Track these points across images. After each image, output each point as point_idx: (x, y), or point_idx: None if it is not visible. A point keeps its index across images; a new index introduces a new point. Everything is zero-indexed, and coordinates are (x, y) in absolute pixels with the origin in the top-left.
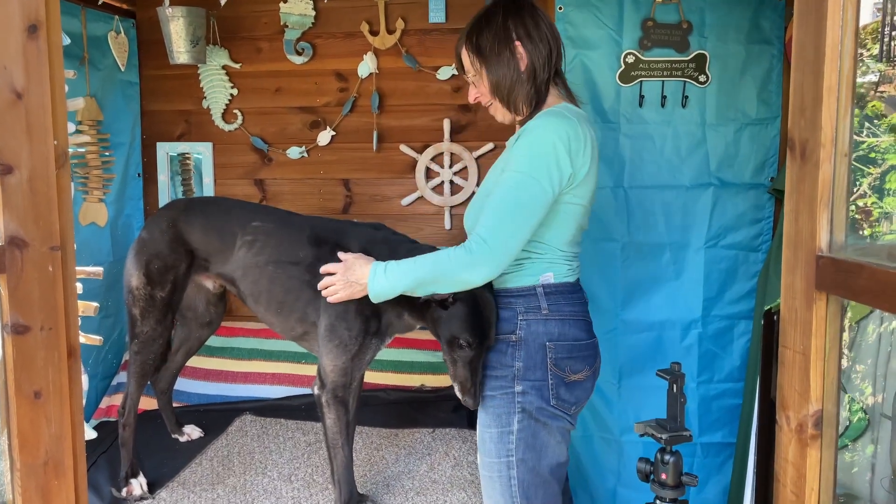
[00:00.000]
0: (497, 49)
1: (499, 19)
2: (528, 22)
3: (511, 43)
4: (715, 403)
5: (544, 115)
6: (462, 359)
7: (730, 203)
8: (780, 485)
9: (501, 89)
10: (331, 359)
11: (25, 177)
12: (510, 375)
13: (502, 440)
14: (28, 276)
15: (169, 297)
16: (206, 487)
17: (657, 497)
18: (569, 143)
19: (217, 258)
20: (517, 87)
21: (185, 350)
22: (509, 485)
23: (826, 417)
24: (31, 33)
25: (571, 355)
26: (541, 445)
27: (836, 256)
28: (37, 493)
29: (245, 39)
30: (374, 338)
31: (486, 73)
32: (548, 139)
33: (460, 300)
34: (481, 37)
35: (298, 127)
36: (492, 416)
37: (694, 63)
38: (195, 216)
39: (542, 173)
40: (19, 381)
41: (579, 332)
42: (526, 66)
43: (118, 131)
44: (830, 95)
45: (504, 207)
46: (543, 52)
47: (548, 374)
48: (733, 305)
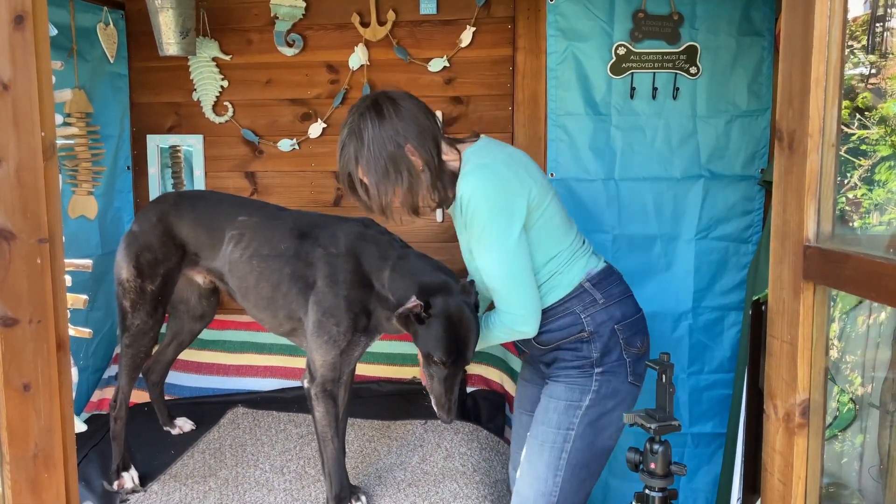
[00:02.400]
0: (383, 165)
1: (368, 133)
2: (394, 118)
3: (395, 151)
4: (705, 394)
5: (467, 177)
6: (438, 375)
7: (720, 195)
8: (768, 473)
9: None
10: (320, 354)
11: (13, 169)
12: (588, 364)
13: (568, 412)
14: (16, 269)
15: (159, 290)
16: (197, 480)
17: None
18: (506, 188)
19: (206, 253)
20: (418, 188)
21: (178, 343)
22: (559, 455)
23: (813, 406)
24: (17, 24)
25: (635, 330)
26: (602, 426)
27: (823, 246)
28: (27, 486)
29: (235, 31)
30: (362, 334)
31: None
32: (487, 201)
33: (436, 316)
34: (357, 161)
35: (289, 119)
36: (563, 389)
37: (685, 55)
38: (185, 210)
39: (507, 230)
40: (8, 374)
41: (634, 308)
42: (418, 162)
43: (107, 123)
44: (818, 86)
45: (504, 280)
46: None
47: (622, 354)
48: (724, 296)
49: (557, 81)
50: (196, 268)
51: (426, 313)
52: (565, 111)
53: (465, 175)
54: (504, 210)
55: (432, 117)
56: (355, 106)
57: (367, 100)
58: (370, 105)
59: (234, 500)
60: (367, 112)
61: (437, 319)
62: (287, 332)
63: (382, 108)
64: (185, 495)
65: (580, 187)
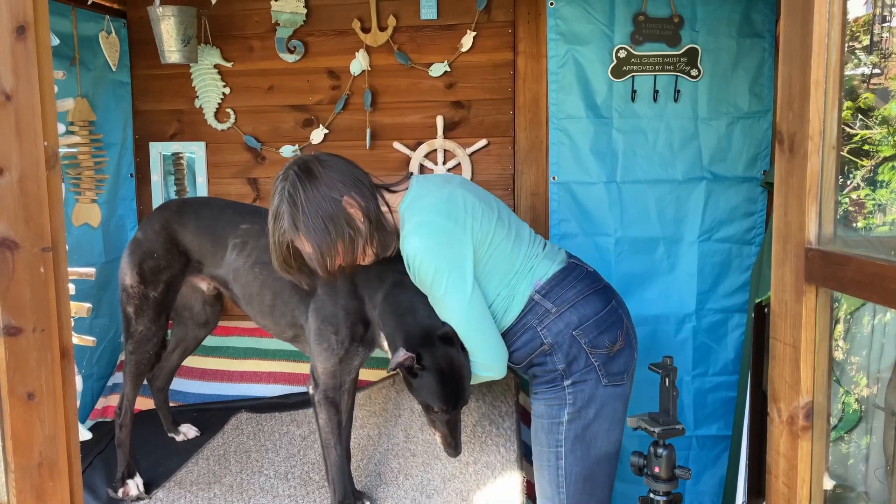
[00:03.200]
0: (322, 225)
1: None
2: (324, 177)
3: (332, 210)
4: (710, 397)
5: (408, 238)
6: (439, 419)
7: (723, 197)
8: (773, 476)
9: (344, 254)
10: (321, 361)
11: (16, 178)
12: (557, 376)
13: (552, 430)
14: (19, 278)
15: (162, 297)
16: (202, 487)
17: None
18: (450, 240)
19: (210, 260)
20: (358, 241)
21: (182, 349)
22: (556, 474)
23: (817, 409)
24: (18, 34)
25: (600, 330)
26: (590, 437)
27: (824, 249)
28: (32, 495)
29: (236, 38)
30: (360, 345)
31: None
32: (435, 260)
33: (428, 369)
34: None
35: (291, 125)
36: (543, 407)
37: (686, 57)
38: (188, 218)
39: (461, 284)
40: (12, 383)
41: (595, 305)
42: (357, 214)
43: (110, 131)
44: (818, 88)
45: (466, 331)
46: (364, 189)
47: (590, 358)
48: (727, 299)
49: (558, 85)
50: (200, 275)
51: (419, 365)
52: (566, 114)
53: (406, 237)
54: (453, 265)
55: (362, 170)
56: (281, 174)
57: (292, 166)
58: (298, 170)
59: None
60: (296, 178)
61: (430, 372)
62: (290, 338)
63: (311, 168)
64: (189, 502)
65: (582, 190)
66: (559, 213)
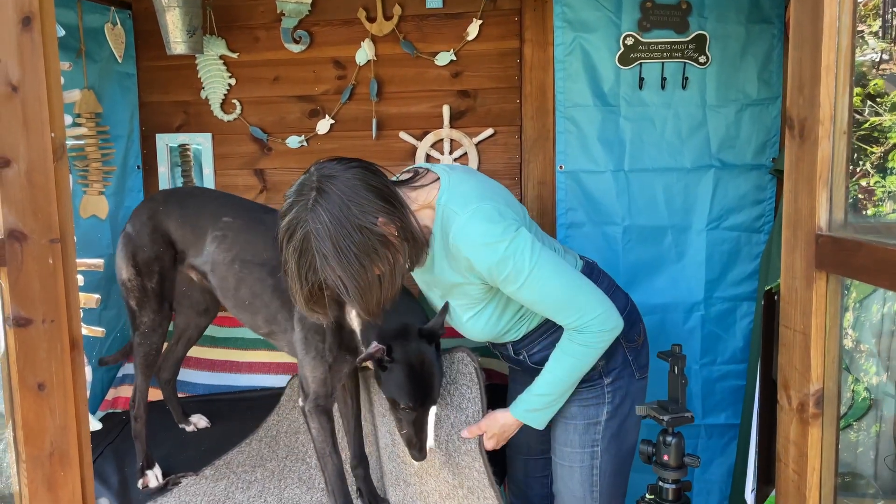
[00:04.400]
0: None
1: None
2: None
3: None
4: (718, 385)
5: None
6: (406, 418)
7: (731, 184)
8: (782, 464)
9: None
10: (309, 369)
11: (23, 169)
12: (595, 374)
13: (588, 431)
14: (28, 269)
15: (159, 287)
16: (247, 469)
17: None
18: (507, 215)
19: (192, 251)
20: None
21: (186, 339)
22: (591, 473)
23: (827, 396)
24: (24, 26)
25: (631, 323)
26: (625, 433)
27: (835, 235)
28: (43, 484)
29: (242, 28)
30: (347, 353)
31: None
32: (503, 242)
33: (398, 362)
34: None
35: (297, 116)
36: (578, 409)
37: (694, 44)
38: (173, 208)
39: (532, 249)
40: (23, 374)
41: (622, 299)
42: (394, 239)
43: (117, 123)
44: (829, 73)
45: (564, 290)
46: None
47: (625, 352)
48: (736, 287)
49: (565, 73)
50: (184, 265)
51: (389, 357)
52: (573, 103)
53: (463, 228)
54: (525, 236)
55: (380, 173)
56: (295, 195)
57: (306, 191)
58: (318, 195)
59: (273, 495)
60: (315, 204)
61: (399, 366)
62: (265, 334)
63: (326, 190)
64: (230, 483)
65: (589, 179)
66: (566, 203)
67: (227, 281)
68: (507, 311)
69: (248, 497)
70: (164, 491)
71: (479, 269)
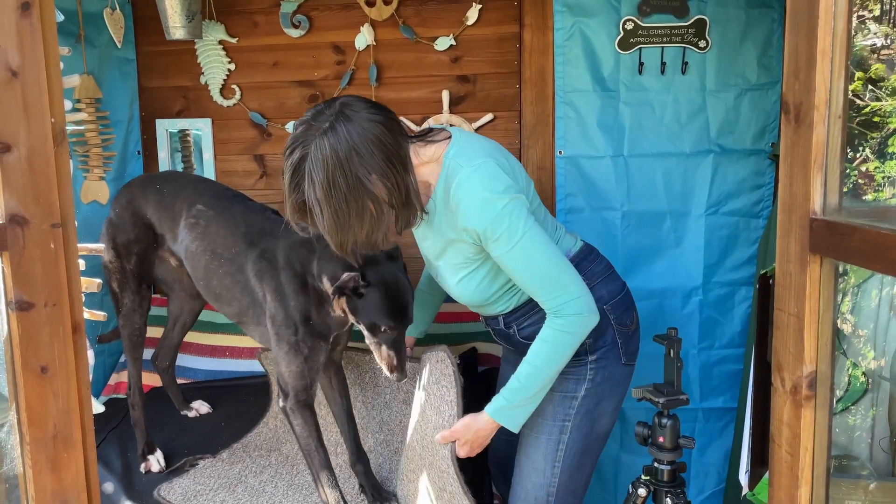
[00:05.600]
0: (344, 202)
1: (329, 169)
2: (354, 142)
3: (355, 187)
4: (716, 369)
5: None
6: (385, 341)
7: (730, 169)
8: (776, 445)
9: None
10: (286, 364)
11: (24, 155)
12: (582, 350)
13: (563, 404)
14: (30, 254)
15: (137, 268)
16: (262, 453)
17: (655, 459)
18: (513, 178)
19: (168, 235)
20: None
21: (181, 324)
22: (556, 447)
23: (820, 378)
24: (23, 11)
25: (624, 308)
26: (599, 413)
27: (829, 219)
28: (47, 466)
29: (241, 13)
30: (320, 339)
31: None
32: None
33: (374, 285)
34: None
35: (297, 101)
36: (558, 381)
37: (693, 28)
38: (150, 192)
39: (529, 217)
40: (26, 357)
41: (618, 284)
42: (381, 193)
43: (116, 108)
44: (824, 58)
45: (548, 267)
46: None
47: (615, 334)
48: (734, 272)
49: (565, 58)
50: (163, 248)
51: (365, 282)
52: (573, 88)
53: (463, 182)
54: (518, 201)
55: (398, 132)
56: (311, 117)
57: (322, 119)
58: (329, 127)
59: (285, 481)
60: (323, 135)
61: (375, 288)
62: (237, 323)
63: (342, 128)
64: (245, 466)
65: (589, 164)
66: (566, 188)
67: (198, 271)
68: (499, 277)
69: (260, 482)
70: (180, 472)
71: (474, 226)
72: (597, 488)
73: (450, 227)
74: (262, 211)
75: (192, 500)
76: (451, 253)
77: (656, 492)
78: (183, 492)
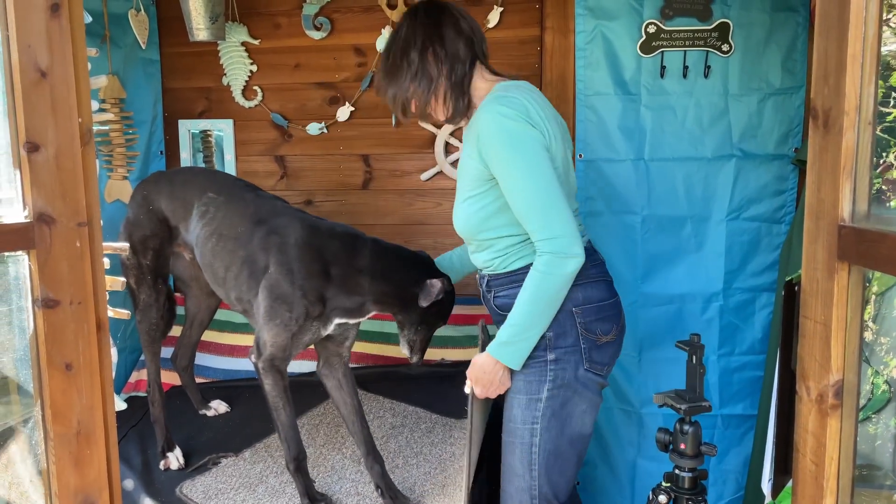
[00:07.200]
0: (399, 62)
1: (401, 32)
2: (428, 24)
3: (410, 54)
4: (736, 376)
5: (486, 104)
6: (426, 335)
7: (752, 174)
8: (800, 454)
9: (407, 101)
10: (271, 335)
11: (52, 154)
12: (542, 346)
13: (529, 407)
14: (56, 252)
15: (153, 263)
16: (283, 454)
17: (676, 467)
18: (529, 114)
19: (182, 225)
20: (426, 94)
21: (199, 322)
22: (529, 451)
23: (847, 387)
24: (53, 12)
25: (599, 317)
26: (566, 415)
27: (858, 226)
28: (70, 462)
29: (263, 15)
30: (315, 321)
31: (392, 87)
32: (512, 120)
33: (447, 291)
34: (388, 54)
35: (318, 103)
36: (522, 384)
37: (717, 32)
38: (163, 186)
39: (534, 145)
40: (51, 354)
41: (602, 292)
42: (431, 71)
43: (140, 109)
44: (854, 62)
45: (538, 202)
46: (450, 50)
47: (579, 339)
48: (755, 278)
49: (586, 61)
50: (177, 241)
51: (450, 286)
52: (594, 91)
53: (495, 98)
54: (528, 129)
55: (470, 33)
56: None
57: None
58: (427, 5)
59: None
60: (418, 11)
61: (447, 293)
62: (241, 311)
63: (427, 12)
64: (267, 466)
65: (609, 168)
66: (586, 191)
67: (205, 255)
68: (499, 215)
69: (280, 482)
70: (203, 469)
71: (486, 140)
72: (614, 494)
73: (468, 142)
74: (274, 198)
75: (213, 499)
76: (463, 169)
77: (677, 498)
78: (205, 490)
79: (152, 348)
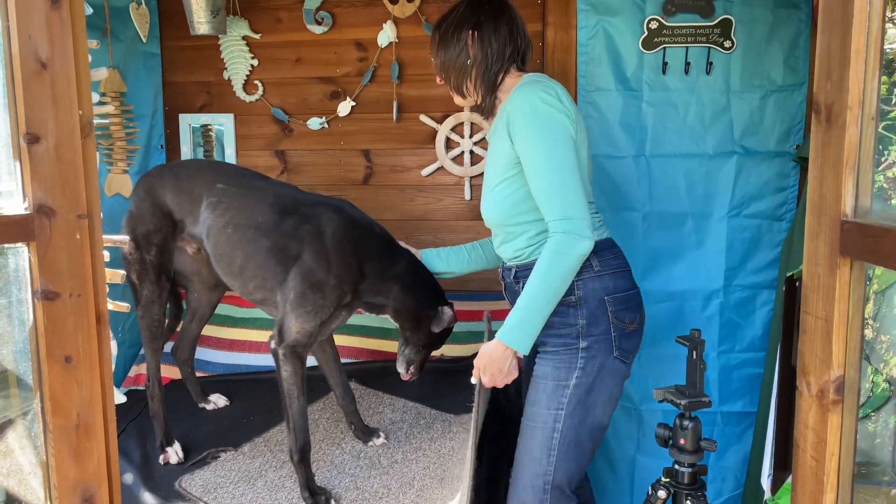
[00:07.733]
0: (450, 34)
1: (461, 8)
2: (487, 14)
3: (462, 32)
4: (736, 373)
5: (520, 87)
6: (425, 354)
7: (754, 171)
8: (800, 450)
9: (448, 73)
10: (299, 322)
11: (52, 146)
12: (574, 333)
13: (556, 392)
14: (56, 244)
15: (157, 259)
16: (283, 449)
17: (675, 462)
18: (559, 100)
19: (189, 219)
20: (463, 73)
21: (199, 317)
22: (551, 436)
23: (848, 383)
24: (53, 3)
25: (627, 305)
26: (591, 404)
27: (861, 221)
28: (69, 455)
29: (264, 9)
30: (343, 310)
31: (437, 54)
32: (540, 101)
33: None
34: (442, 22)
35: (319, 97)
36: (551, 369)
37: (719, 28)
38: (167, 179)
39: (560, 127)
40: (50, 347)
41: (628, 282)
42: (474, 55)
43: (141, 102)
44: (858, 58)
45: (557, 182)
46: (496, 45)
47: (610, 326)
48: (756, 275)
49: (588, 57)
50: (182, 235)
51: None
52: (595, 87)
53: (523, 84)
54: (558, 115)
55: (520, 38)
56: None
57: None
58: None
59: None
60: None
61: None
62: (258, 301)
63: (493, 2)
64: (266, 461)
65: (610, 164)
66: None
67: (221, 247)
68: (530, 199)
69: (279, 476)
70: (202, 463)
71: (516, 117)
72: (613, 490)
73: (498, 123)
74: (285, 185)
75: (212, 493)
76: (492, 154)
77: (676, 494)
78: (203, 484)
79: (153, 345)
